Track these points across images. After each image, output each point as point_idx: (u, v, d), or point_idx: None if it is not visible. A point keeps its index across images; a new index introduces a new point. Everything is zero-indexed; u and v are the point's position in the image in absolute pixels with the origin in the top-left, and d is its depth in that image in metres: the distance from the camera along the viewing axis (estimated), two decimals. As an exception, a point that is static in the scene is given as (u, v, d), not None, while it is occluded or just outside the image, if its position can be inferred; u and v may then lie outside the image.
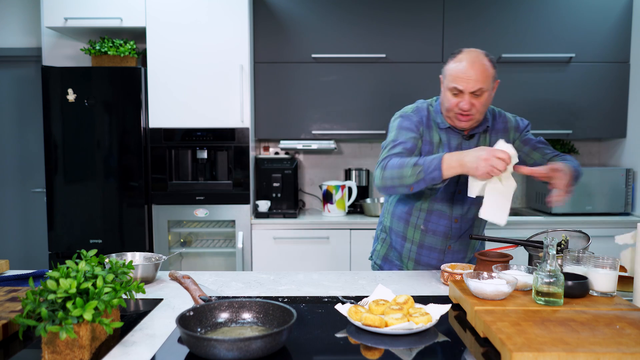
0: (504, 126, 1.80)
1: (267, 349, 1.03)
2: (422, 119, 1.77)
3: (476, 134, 1.77)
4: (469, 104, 1.64)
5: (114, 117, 3.04)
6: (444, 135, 1.76)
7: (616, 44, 3.32)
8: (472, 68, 1.63)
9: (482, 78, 1.63)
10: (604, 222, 3.18)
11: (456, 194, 1.77)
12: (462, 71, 1.64)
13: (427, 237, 1.82)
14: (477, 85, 1.63)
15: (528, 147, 1.81)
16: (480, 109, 1.67)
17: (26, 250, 3.80)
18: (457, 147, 1.76)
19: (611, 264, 1.32)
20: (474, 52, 1.68)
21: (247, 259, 3.13)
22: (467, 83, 1.63)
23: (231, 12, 3.06)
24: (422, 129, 1.76)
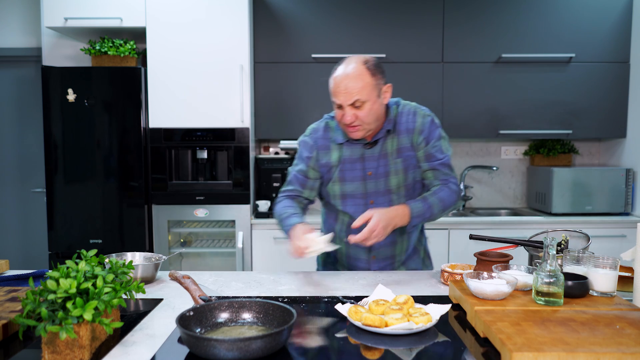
0: (410, 127, 1.71)
1: (267, 349, 1.03)
2: (317, 141, 1.76)
3: (378, 140, 1.71)
4: (352, 116, 1.60)
5: (114, 117, 3.04)
6: (344, 149, 1.73)
7: (616, 44, 3.32)
8: (345, 80, 1.58)
9: (358, 89, 1.57)
10: (604, 222, 3.18)
11: (369, 205, 1.73)
12: (337, 85, 1.60)
13: (350, 248, 1.81)
14: (353, 97, 1.58)
15: (427, 164, 1.73)
16: (367, 119, 1.61)
17: (26, 250, 3.80)
18: (360, 158, 1.71)
19: (611, 264, 1.32)
20: (351, 62, 1.61)
21: (247, 259, 3.13)
22: (343, 97, 1.59)
23: (231, 12, 3.06)
24: (316, 152, 1.75)
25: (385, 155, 1.72)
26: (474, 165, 3.68)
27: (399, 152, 1.72)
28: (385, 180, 1.72)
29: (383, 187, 1.73)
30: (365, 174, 1.72)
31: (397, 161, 1.72)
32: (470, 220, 3.17)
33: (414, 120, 1.72)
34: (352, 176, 1.73)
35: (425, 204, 1.67)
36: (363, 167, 1.72)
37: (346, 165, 1.73)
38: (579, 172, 3.27)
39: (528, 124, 3.36)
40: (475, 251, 1.59)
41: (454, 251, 3.16)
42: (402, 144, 1.72)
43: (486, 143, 3.71)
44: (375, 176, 1.72)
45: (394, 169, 1.72)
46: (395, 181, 1.73)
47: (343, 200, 1.76)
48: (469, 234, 2.20)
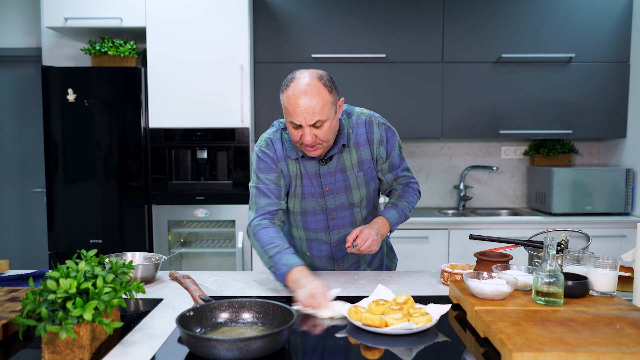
0: (369, 137, 1.66)
1: (267, 349, 1.03)
2: (277, 151, 1.65)
3: (333, 155, 1.64)
4: (312, 137, 1.51)
5: (114, 117, 3.04)
6: (300, 164, 1.65)
7: (616, 44, 3.32)
8: (304, 99, 1.47)
9: (319, 109, 1.48)
10: (604, 222, 3.18)
11: (329, 220, 1.71)
12: (294, 104, 1.48)
13: (314, 260, 1.80)
14: (314, 118, 1.48)
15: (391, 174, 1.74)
16: (326, 137, 1.53)
17: (26, 250, 3.80)
18: (316, 175, 1.65)
19: (611, 264, 1.32)
20: (305, 80, 1.50)
21: (247, 259, 3.13)
22: (303, 117, 1.48)
23: (231, 12, 3.06)
24: (279, 164, 1.65)
25: (344, 170, 1.66)
26: (474, 165, 3.68)
27: (360, 165, 1.67)
28: (347, 194, 1.68)
29: (344, 202, 1.69)
30: (323, 190, 1.66)
31: (359, 175, 1.67)
32: (470, 220, 3.17)
33: (371, 131, 1.66)
34: (310, 192, 1.67)
35: (398, 210, 1.72)
36: (320, 183, 1.66)
37: (304, 181, 1.66)
38: (579, 172, 3.27)
39: (528, 124, 3.36)
40: (475, 251, 1.59)
41: (454, 251, 3.16)
42: (362, 157, 1.67)
43: (486, 143, 3.71)
44: (333, 192, 1.67)
45: (355, 183, 1.67)
46: (357, 195, 1.69)
47: (303, 217, 1.71)
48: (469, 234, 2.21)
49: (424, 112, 3.33)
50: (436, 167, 3.71)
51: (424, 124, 3.34)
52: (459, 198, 3.66)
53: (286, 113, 1.53)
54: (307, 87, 1.49)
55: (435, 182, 3.72)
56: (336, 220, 1.71)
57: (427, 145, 3.70)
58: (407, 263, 3.15)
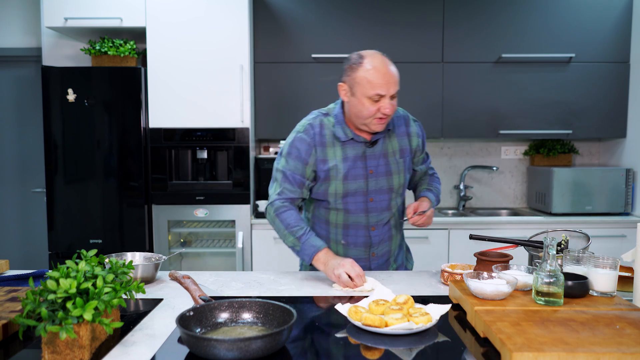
0: (407, 130, 1.81)
1: (267, 349, 1.03)
2: (315, 137, 1.72)
3: (379, 139, 1.74)
4: (390, 106, 1.62)
5: (114, 117, 3.04)
6: (346, 147, 1.72)
7: (616, 44, 3.32)
8: (389, 72, 1.62)
9: (397, 79, 1.65)
10: (604, 222, 3.18)
11: (369, 202, 1.76)
12: (384, 75, 1.61)
13: (349, 250, 1.81)
14: (396, 87, 1.64)
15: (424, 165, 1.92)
16: (395, 109, 1.68)
17: (26, 250, 3.80)
18: (362, 157, 1.73)
19: (611, 264, 1.32)
20: (379, 54, 1.65)
21: (247, 259, 3.13)
22: (388, 88, 1.61)
23: (231, 12, 3.06)
24: (316, 149, 1.72)
25: (386, 155, 1.75)
26: (474, 165, 3.68)
27: (401, 153, 1.78)
28: (387, 179, 1.76)
29: (385, 186, 1.76)
30: (367, 172, 1.74)
31: (400, 161, 1.78)
32: (470, 220, 3.17)
33: (408, 124, 1.81)
34: (354, 174, 1.73)
35: (434, 194, 1.87)
36: (365, 165, 1.73)
37: (349, 163, 1.72)
38: (579, 172, 3.27)
39: (528, 124, 3.36)
40: (475, 251, 1.59)
41: (454, 251, 3.16)
42: (402, 146, 1.79)
43: (486, 143, 3.71)
44: (376, 175, 1.74)
45: (395, 169, 1.77)
46: (397, 180, 1.77)
47: (344, 198, 1.75)
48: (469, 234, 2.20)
49: (424, 112, 3.33)
50: (436, 167, 3.71)
51: (423, 123, 3.27)
52: (459, 198, 3.66)
53: (370, 86, 1.60)
54: (385, 60, 1.64)
55: (435, 182, 3.72)
56: (375, 202, 1.77)
57: (427, 145, 3.69)
58: (407, 263, 3.15)
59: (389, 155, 1.76)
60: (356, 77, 1.62)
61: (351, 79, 1.64)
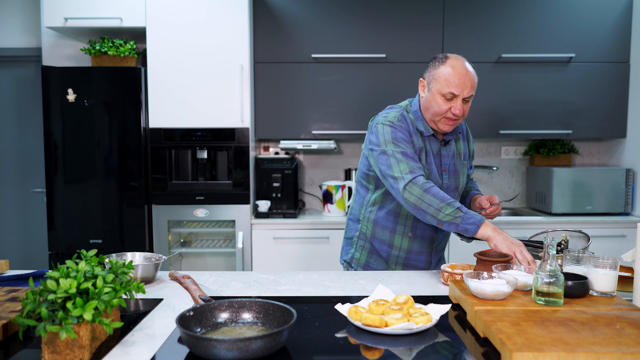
0: (466, 135, 1.93)
1: (267, 349, 1.03)
2: (405, 125, 1.78)
3: (450, 140, 1.83)
4: (461, 109, 1.69)
5: (114, 117, 3.04)
6: (426, 141, 1.80)
7: (616, 44, 3.32)
8: (467, 74, 1.68)
9: (475, 84, 1.70)
10: (604, 222, 3.18)
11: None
12: (463, 76, 1.66)
13: (415, 243, 1.85)
14: (472, 91, 1.69)
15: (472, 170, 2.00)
16: (466, 114, 1.74)
17: (26, 250, 3.80)
18: (437, 153, 1.81)
19: (611, 264, 1.32)
20: (462, 59, 1.71)
21: (247, 259, 3.13)
22: (462, 89, 1.67)
23: (231, 12, 3.06)
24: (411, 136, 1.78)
25: (454, 156, 1.85)
26: (474, 165, 3.68)
27: (465, 156, 1.89)
28: (456, 178, 1.85)
29: (453, 184, 1.83)
30: (441, 169, 1.82)
31: (465, 163, 1.89)
32: (470, 220, 3.16)
33: (465, 129, 1.93)
34: (431, 168, 1.80)
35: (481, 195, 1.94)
36: (440, 162, 1.82)
37: (429, 157, 1.79)
38: (579, 172, 3.27)
39: (528, 124, 3.36)
40: (475, 251, 1.59)
41: (454, 251, 3.16)
42: (465, 150, 1.90)
43: (486, 143, 3.71)
44: (448, 172, 1.83)
45: (462, 170, 1.87)
46: (462, 181, 1.86)
47: None
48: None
49: (424, 112, 3.33)
50: (436, 167, 3.71)
51: (424, 124, 3.34)
52: (459, 198, 3.66)
53: (445, 83, 1.67)
54: (467, 65, 1.70)
55: (435, 182, 3.72)
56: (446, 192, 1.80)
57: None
58: (407, 263, 3.15)
59: (456, 157, 1.85)
60: (436, 74, 1.70)
61: (431, 75, 1.73)
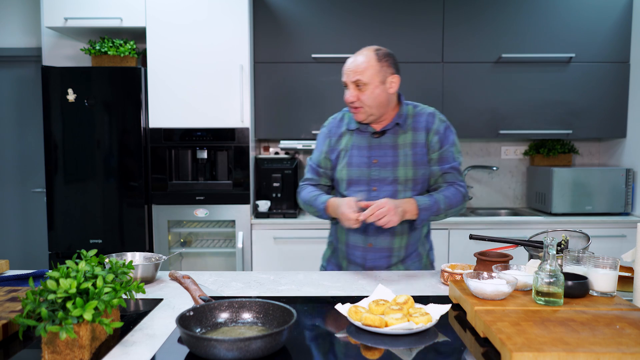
0: (428, 125, 1.81)
1: (267, 349, 1.03)
2: (332, 128, 1.89)
3: (386, 131, 1.81)
4: (353, 95, 1.73)
5: (114, 117, 3.04)
6: (354, 136, 1.84)
7: (616, 44, 3.32)
8: (353, 61, 1.75)
9: (361, 69, 1.72)
10: (604, 222, 3.18)
11: (371, 192, 1.80)
12: (346, 64, 1.76)
13: (350, 235, 1.85)
14: (355, 76, 1.72)
15: (438, 167, 1.80)
16: (368, 102, 1.73)
17: (26, 250, 3.80)
18: (367, 146, 1.81)
19: (611, 264, 1.32)
20: (366, 48, 1.79)
21: (247, 259, 3.13)
22: (347, 75, 1.75)
23: (231, 12, 3.06)
24: (330, 139, 1.88)
25: (396, 147, 1.80)
26: (474, 165, 3.68)
27: (412, 146, 1.80)
28: (393, 170, 1.79)
29: (389, 176, 1.79)
30: (370, 161, 1.80)
31: (409, 153, 1.80)
32: (470, 220, 3.17)
33: (432, 121, 1.84)
34: (358, 162, 1.81)
35: (431, 199, 1.75)
36: (369, 154, 1.80)
37: (354, 151, 1.82)
38: (579, 172, 3.27)
39: (528, 124, 3.36)
40: (475, 251, 1.59)
41: (454, 251, 3.16)
42: (417, 140, 1.81)
43: (486, 143, 3.71)
44: (380, 164, 1.79)
45: (403, 161, 1.79)
46: (403, 172, 1.79)
47: (348, 185, 1.83)
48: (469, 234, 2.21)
49: (424, 112, 3.33)
50: (436, 167, 3.71)
51: (424, 124, 3.34)
52: (459, 198, 3.66)
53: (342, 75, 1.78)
54: (363, 52, 1.77)
55: (435, 182, 3.72)
56: (378, 192, 1.79)
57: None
58: (407, 263, 3.15)
59: (399, 148, 1.80)
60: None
61: None
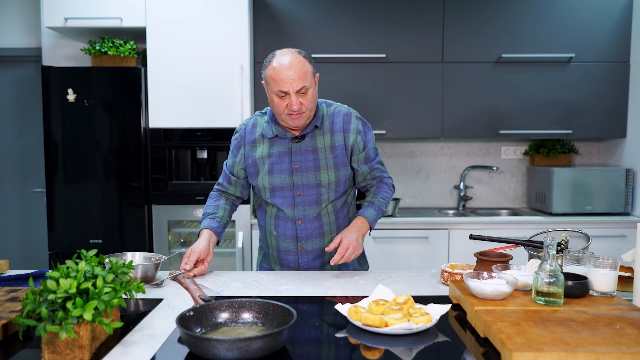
0: (346, 126, 1.79)
1: (267, 349, 1.03)
2: (245, 136, 1.83)
3: (306, 135, 1.77)
4: (298, 103, 1.66)
5: (114, 117, 3.04)
6: (273, 144, 1.79)
7: (616, 44, 3.32)
8: (290, 68, 1.64)
9: (302, 75, 1.65)
10: (604, 222, 3.18)
11: (296, 197, 1.79)
12: (282, 72, 1.64)
13: (280, 241, 1.85)
14: (300, 83, 1.65)
15: (366, 166, 1.85)
16: (310, 105, 1.69)
17: (26, 250, 3.80)
18: (288, 152, 1.77)
19: (611, 264, 1.32)
20: (288, 52, 1.68)
21: (247, 259, 3.13)
22: (290, 84, 1.64)
23: (231, 12, 3.06)
24: (243, 149, 1.83)
25: (315, 150, 1.78)
26: (474, 165, 3.68)
27: (332, 149, 1.78)
28: (315, 174, 1.78)
29: (312, 181, 1.78)
30: (292, 167, 1.78)
31: (330, 157, 1.78)
32: (470, 220, 3.17)
33: (348, 121, 1.80)
34: (280, 169, 1.78)
35: (375, 208, 1.85)
36: (290, 160, 1.78)
37: (274, 158, 1.78)
38: (579, 172, 3.27)
39: (528, 124, 3.36)
40: (475, 251, 1.59)
41: (454, 251, 3.16)
42: (336, 142, 1.79)
43: (486, 143, 3.71)
44: (302, 170, 1.77)
45: (324, 164, 1.78)
46: (325, 176, 1.78)
47: (272, 192, 1.81)
48: (469, 234, 2.21)
49: (424, 112, 3.33)
50: (436, 167, 3.71)
51: (424, 124, 3.34)
52: (459, 198, 3.66)
53: (273, 84, 1.66)
54: (291, 57, 1.67)
55: (435, 182, 3.72)
56: (302, 197, 1.79)
57: (427, 145, 3.70)
58: (407, 263, 3.15)
59: (319, 151, 1.78)
60: (266, 75, 1.69)
61: (264, 77, 1.71)
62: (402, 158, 3.70)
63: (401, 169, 3.70)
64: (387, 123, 3.33)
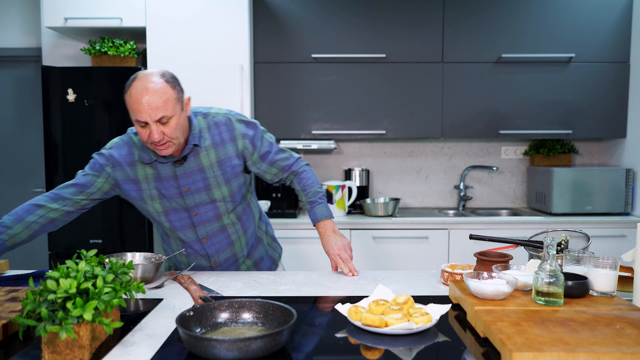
0: (229, 135, 1.70)
1: (267, 349, 1.03)
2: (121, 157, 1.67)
3: (187, 155, 1.65)
4: (160, 133, 1.52)
5: (114, 117, 3.04)
6: (155, 167, 1.66)
7: (616, 44, 3.32)
8: (147, 96, 1.48)
9: (162, 104, 1.49)
10: (604, 222, 3.18)
11: (193, 217, 1.73)
12: (138, 101, 1.49)
13: (191, 259, 1.83)
14: (159, 113, 1.50)
15: (265, 163, 1.77)
16: (174, 134, 1.55)
17: (26, 250, 3.79)
18: (173, 176, 1.67)
19: (611, 264, 1.32)
20: (146, 78, 1.51)
21: (247, 259, 3.13)
22: (147, 114, 1.49)
23: (231, 13, 3.06)
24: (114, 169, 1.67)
25: (202, 170, 1.68)
26: (474, 165, 3.68)
27: (220, 165, 1.69)
28: (207, 193, 1.70)
29: (205, 199, 1.71)
30: (181, 191, 1.68)
31: (218, 174, 1.69)
32: (470, 220, 3.17)
33: (231, 128, 1.70)
34: (169, 194, 1.69)
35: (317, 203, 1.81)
36: (177, 184, 1.68)
37: (160, 184, 1.68)
38: (579, 172, 3.27)
39: (528, 124, 3.36)
40: (475, 251, 1.59)
41: (454, 251, 3.16)
42: (223, 156, 1.69)
43: (486, 143, 3.71)
44: (192, 192, 1.69)
45: (214, 182, 1.69)
46: (218, 193, 1.71)
47: (166, 216, 1.73)
48: (469, 234, 2.21)
49: (424, 112, 3.33)
50: (436, 167, 3.71)
51: (424, 124, 3.35)
52: (459, 198, 3.66)
53: (131, 112, 1.52)
54: (149, 83, 1.50)
55: (435, 182, 3.72)
56: (200, 215, 1.73)
57: (427, 145, 3.70)
58: (407, 263, 3.15)
59: (206, 170, 1.68)
60: (126, 101, 1.54)
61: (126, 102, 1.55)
62: (402, 158, 3.70)
63: (401, 169, 3.71)
64: (387, 123, 3.33)
